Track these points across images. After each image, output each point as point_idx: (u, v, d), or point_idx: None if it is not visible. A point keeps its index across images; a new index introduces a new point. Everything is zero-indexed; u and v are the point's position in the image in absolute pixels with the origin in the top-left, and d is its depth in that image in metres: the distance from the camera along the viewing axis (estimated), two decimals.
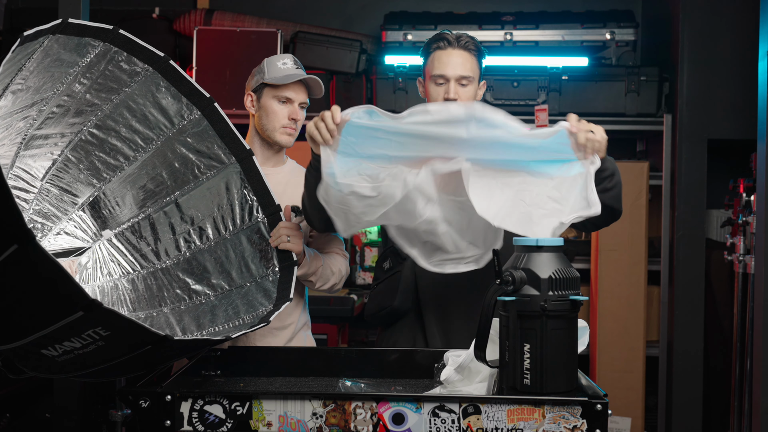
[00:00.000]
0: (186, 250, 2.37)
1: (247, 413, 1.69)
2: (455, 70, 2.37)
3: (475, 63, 2.40)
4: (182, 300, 2.32)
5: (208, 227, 2.38)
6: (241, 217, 2.38)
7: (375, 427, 1.67)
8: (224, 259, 2.36)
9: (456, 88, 2.37)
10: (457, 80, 2.37)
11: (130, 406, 1.71)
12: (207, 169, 2.38)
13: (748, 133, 3.87)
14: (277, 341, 2.59)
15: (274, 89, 2.62)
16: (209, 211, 2.38)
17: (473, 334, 2.33)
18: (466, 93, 2.39)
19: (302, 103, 2.65)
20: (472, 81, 2.39)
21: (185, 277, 2.35)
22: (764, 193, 3.05)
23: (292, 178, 2.69)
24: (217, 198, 2.38)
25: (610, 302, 4.23)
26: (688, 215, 4.25)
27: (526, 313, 1.70)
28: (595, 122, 2.09)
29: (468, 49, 2.39)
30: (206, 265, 2.36)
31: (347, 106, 2.07)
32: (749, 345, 3.57)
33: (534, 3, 4.79)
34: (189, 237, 2.38)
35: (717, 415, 4.37)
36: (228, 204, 2.38)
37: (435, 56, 2.40)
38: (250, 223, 2.38)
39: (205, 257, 2.36)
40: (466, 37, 2.40)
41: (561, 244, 1.76)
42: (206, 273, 2.35)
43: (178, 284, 2.35)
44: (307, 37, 4.56)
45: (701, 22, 4.26)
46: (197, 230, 2.38)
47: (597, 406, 1.65)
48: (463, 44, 2.39)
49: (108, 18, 5.01)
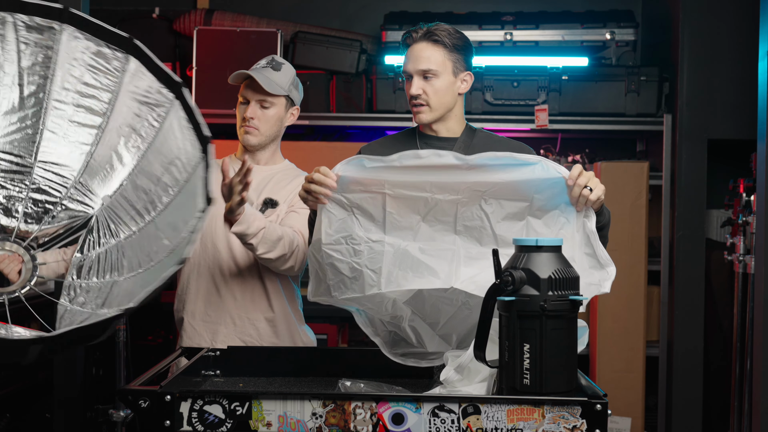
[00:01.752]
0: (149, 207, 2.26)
1: (246, 413, 1.69)
2: (416, 64, 2.33)
3: (442, 54, 2.32)
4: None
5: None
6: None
7: (375, 427, 1.67)
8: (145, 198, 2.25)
9: (419, 83, 2.32)
10: (420, 75, 2.32)
11: (129, 406, 1.71)
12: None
13: (748, 133, 3.87)
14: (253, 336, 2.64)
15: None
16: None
17: None
18: (432, 87, 2.32)
19: (260, 100, 2.64)
20: (437, 74, 2.32)
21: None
22: (764, 193, 3.05)
23: (280, 175, 2.70)
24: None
25: (610, 302, 4.23)
26: (688, 215, 4.25)
27: (525, 313, 1.70)
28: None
29: (433, 40, 2.32)
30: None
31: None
32: (749, 345, 3.57)
33: (534, 3, 4.79)
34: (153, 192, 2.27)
35: (717, 415, 4.36)
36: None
37: (406, 53, 2.37)
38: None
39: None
40: (438, 30, 2.32)
41: (560, 244, 1.76)
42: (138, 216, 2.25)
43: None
44: (307, 37, 4.56)
45: (701, 22, 4.26)
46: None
47: (597, 406, 1.65)
48: (427, 36, 2.32)
49: (108, 18, 5.01)
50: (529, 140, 4.96)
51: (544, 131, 4.45)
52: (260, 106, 2.65)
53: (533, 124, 4.37)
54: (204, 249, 2.67)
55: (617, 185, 4.23)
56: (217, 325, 2.65)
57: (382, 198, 1.99)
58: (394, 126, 4.38)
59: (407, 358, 2.07)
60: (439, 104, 2.35)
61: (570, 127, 4.41)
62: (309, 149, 4.36)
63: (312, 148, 4.41)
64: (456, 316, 2.06)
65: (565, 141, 4.66)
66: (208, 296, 2.66)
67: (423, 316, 2.07)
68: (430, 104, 2.34)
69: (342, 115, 4.43)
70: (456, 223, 1.99)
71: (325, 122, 4.43)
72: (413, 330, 2.06)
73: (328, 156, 2.08)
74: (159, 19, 4.95)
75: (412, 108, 2.37)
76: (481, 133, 2.47)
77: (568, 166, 4.67)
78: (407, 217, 1.99)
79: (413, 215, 2.00)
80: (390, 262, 1.96)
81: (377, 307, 2.04)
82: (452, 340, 2.07)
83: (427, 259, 1.95)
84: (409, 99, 2.37)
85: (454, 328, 2.07)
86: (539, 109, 4.35)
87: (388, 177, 1.97)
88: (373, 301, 2.02)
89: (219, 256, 2.65)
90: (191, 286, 2.68)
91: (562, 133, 4.60)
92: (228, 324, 2.65)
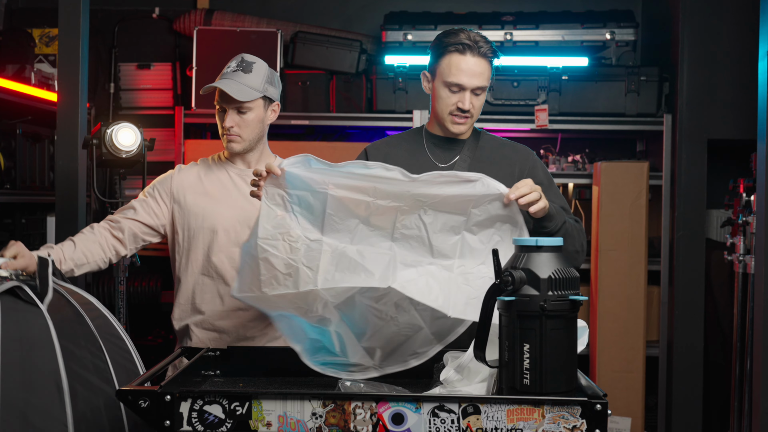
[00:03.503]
0: None
1: (246, 413, 1.69)
2: (472, 80, 2.29)
3: (490, 70, 2.32)
4: None
5: None
6: None
7: (374, 427, 1.67)
8: None
9: (470, 98, 2.31)
10: (473, 90, 2.30)
11: (129, 406, 1.70)
12: None
13: (748, 133, 3.87)
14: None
15: None
16: None
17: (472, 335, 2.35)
18: (479, 101, 2.34)
19: (236, 107, 2.58)
20: (485, 89, 2.33)
21: None
22: (764, 193, 3.04)
23: None
24: None
25: (610, 302, 4.23)
26: (688, 215, 4.25)
27: (525, 313, 1.70)
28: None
29: (486, 56, 2.29)
30: None
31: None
32: (749, 345, 3.57)
33: (534, 3, 4.79)
34: None
35: (717, 415, 4.37)
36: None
37: (451, 59, 2.29)
38: None
39: None
40: (483, 42, 2.30)
41: (561, 244, 1.76)
42: None
43: None
44: (307, 37, 4.56)
45: (701, 22, 4.26)
46: None
47: (597, 406, 1.65)
48: (483, 52, 2.29)
49: (108, 18, 5.03)
50: (529, 140, 4.98)
51: (544, 131, 4.45)
52: (237, 113, 2.59)
53: (533, 124, 4.37)
54: (207, 259, 2.66)
55: (617, 185, 4.23)
56: (222, 333, 2.65)
57: (323, 197, 1.98)
58: (394, 126, 4.38)
59: (327, 367, 2.01)
60: (478, 116, 2.39)
61: (570, 127, 4.41)
62: (309, 149, 4.30)
63: (312, 148, 4.39)
64: (382, 331, 2.02)
65: (565, 141, 4.66)
66: (212, 305, 2.65)
67: (350, 324, 2.02)
68: (473, 116, 2.36)
69: (342, 115, 4.44)
70: (394, 230, 2.01)
71: (325, 122, 4.43)
72: (338, 337, 2.01)
73: (328, 156, 2.07)
74: (159, 19, 4.96)
75: (454, 118, 2.34)
76: (485, 135, 2.48)
77: (568, 165, 4.69)
78: (347, 220, 2.00)
79: (352, 218, 2.00)
80: (327, 261, 1.95)
81: (308, 306, 1.98)
82: (375, 355, 2.04)
83: (364, 261, 1.95)
84: (452, 109, 2.33)
85: (378, 341, 2.03)
86: (539, 109, 4.36)
87: (332, 179, 1.97)
88: (305, 300, 1.97)
89: (224, 267, 2.64)
90: (197, 296, 2.67)
91: (562, 133, 4.61)
92: (231, 332, 2.65)
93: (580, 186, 4.54)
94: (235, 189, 2.66)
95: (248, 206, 2.57)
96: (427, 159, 2.40)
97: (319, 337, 2.01)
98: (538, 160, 2.45)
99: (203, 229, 2.64)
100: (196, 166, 2.74)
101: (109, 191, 4.76)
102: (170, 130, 4.60)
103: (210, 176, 2.70)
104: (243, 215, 2.61)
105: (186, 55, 4.82)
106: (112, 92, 4.86)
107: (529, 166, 2.40)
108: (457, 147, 2.40)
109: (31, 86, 4.14)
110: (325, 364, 2.02)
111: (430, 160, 2.40)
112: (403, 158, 2.38)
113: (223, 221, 2.63)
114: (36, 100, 4.14)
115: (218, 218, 2.63)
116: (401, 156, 2.40)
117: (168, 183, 2.68)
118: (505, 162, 2.40)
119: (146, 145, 3.16)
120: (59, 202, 3.21)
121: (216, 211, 2.64)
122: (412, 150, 2.43)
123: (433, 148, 2.42)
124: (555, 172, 4.52)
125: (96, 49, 4.76)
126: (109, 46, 4.89)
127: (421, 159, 2.40)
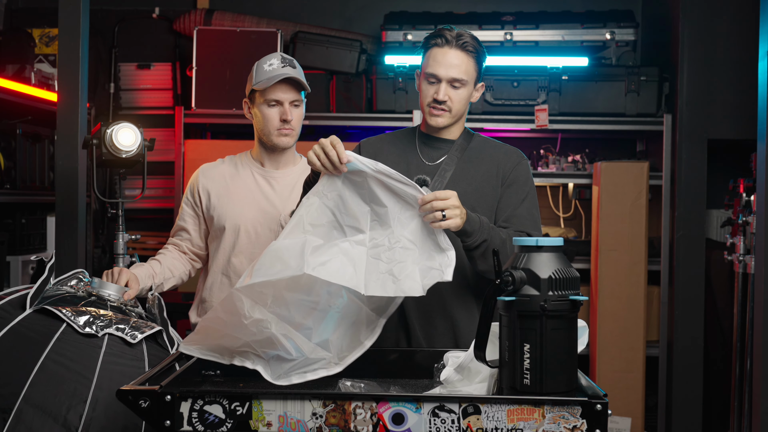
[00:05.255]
0: None
1: (246, 413, 1.69)
2: (448, 71, 2.32)
3: (471, 65, 2.34)
4: None
5: None
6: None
7: (375, 427, 1.67)
8: None
9: (447, 90, 2.33)
10: (449, 82, 2.32)
11: (129, 406, 1.70)
12: None
13: (748, 133, 3.87)
14: None
15: (263, 93, 2.64)
16: None
17: (456, 335, 2.35)
18: (458, 95, 2.34)
19: (293, 101, 2.64)
20: (465, 84, 2.34)
21: None
22: (764, 193, 3.04)
23: (301, 179, 2.69)
24: None
25: (610, 302, 4.23)
26: (688, 215, 4.25)
27: (525, 313, 1.70)
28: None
29: (466, 49, 2.32)
30: None
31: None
32: (749, 345, 3.57)
33: (534, 3, 4.79)
34: None
35: (717, 415, 4.37)
36: None
37: (431, 53, 2.34)
38: None
39: None
40: (466, 37, 2.34)
41: (561, 244, 1.76)
42: None
43: None
44: (307, 37, 4.56)
45: (701, 22, 4.26)
46: None
47: (597, 406, 1.65)
48: (461, 44, 2.32)
49: (108, 18, 5.03)
50: (529, 140, 4.97)
51: (544, 131, 4.45)
52: (294, 106, 2.66)
53: (533, 124, 4.37)
54: (228, 259, 2.69)
55: (617, 185, 4.23)
56: None
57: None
58: (394, 126, 4.38)
59: (291, 375, 1.96)
60: (458, 111, 2.38)
61: (570, 127, 4.41)
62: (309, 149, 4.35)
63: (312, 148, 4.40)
64: (327, 321, 2.00)
65: (565, 141, 4.66)
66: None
67: (291, 323, 1.96)
68: (451, 110, 2.36)
69: (342, 115, 4.44)
70: (305, 224, 2.05)
71: (325, 122, 4.43)
72: (286, 339, 1.94)
73: None
74: (159, 19, 4.96)
75: (431, 110, 2.36)
76: (478, 137, 2.49)
77: (569, 165, 4.68)
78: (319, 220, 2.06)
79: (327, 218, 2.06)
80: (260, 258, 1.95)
81: (241, 314, 1.90)
82: (331, 346, 2.01)
83: (280, 253, 1.93)
84: (430, 101, 2.35)
85: (327, 332, 2.01)
86: (539, 109, 4.36)
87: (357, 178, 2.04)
88: (233, 311, 1.90)
89: (242, 268, 2.67)
90: (213, 295, 2.71)
91: (562, 133, 4.61)
92: None
93: (580, 186, 4.54)
94: (259, 191, 2.70)
95: (270, 209, 2.65)
96: (416, 156, 2.42)
97: (268, 349, 1.95)
98: (525, 165, 2.44)
99: (227, 230, 2.70)
100: (222, 164, 2.81)
101: (109, 191, 4.76)
102: (170, 130, 4.60)
103: (235, 177, 2.75)
104: (264, 218, 2.67)
105: (186, 55, 4.82)
106: (112, 92, 4.86)
107: (511, 167, 2.40)
108: (446, 146, 2.41)
109: (31, 86, 4.14)
110: (289, 372, 1.97)
111: (419, 158, 2.42)
112: (393, 155, 2.42)
113: (245, 222, 2.68)
114: (36, 100, 4.14)
115: (241, 219, 2.69)
116: (392, 153, 2.43)
117: (196, 193, 2.78)
118: (489, 161, 2.41)
119: (146, 145, 3.16)
120: (59, 202, 3.20)
121: (239, 213, 2.70)
122: (403, 147, 2.45)
123: (423, 146, 2.44)
124: (555, 172, 4.52)
125: (96, 49, 4.76)
126: (109, 46, 4.89)
127: (410, 156, 2.42)
